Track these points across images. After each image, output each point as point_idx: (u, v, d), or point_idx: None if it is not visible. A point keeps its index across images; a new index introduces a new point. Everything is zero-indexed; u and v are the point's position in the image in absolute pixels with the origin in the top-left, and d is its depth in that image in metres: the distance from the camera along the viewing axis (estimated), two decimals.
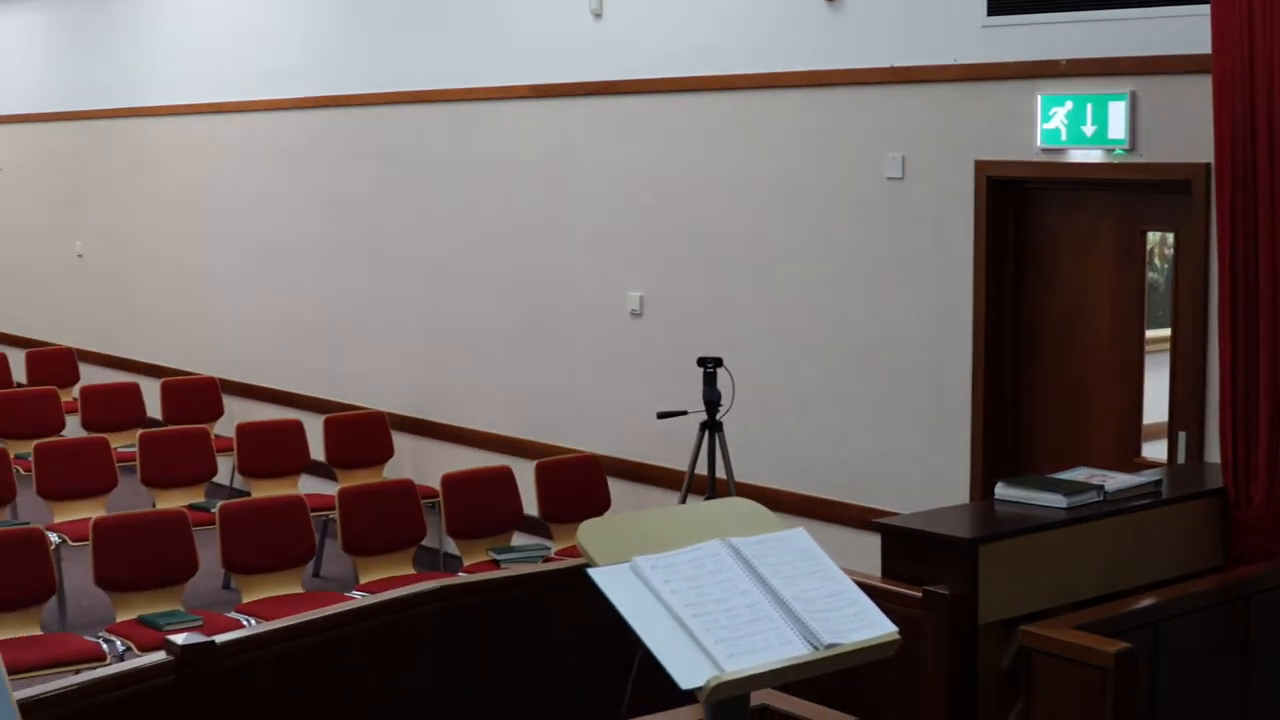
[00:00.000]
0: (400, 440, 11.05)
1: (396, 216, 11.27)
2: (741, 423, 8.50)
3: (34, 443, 10.34)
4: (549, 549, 9.15)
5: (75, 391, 13.44)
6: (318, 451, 10.94)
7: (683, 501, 8.01)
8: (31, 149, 16.41)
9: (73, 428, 12.35)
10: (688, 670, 3.57)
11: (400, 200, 11.23)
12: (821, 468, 8.48)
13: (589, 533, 3.82)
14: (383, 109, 11.30)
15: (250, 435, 10.82)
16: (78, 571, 9.81)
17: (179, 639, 5.21)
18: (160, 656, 5.23)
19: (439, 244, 10.90)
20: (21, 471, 10.43)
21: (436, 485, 9.55)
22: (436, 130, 10.87)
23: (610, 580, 3.70)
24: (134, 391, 12.72)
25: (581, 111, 9.75)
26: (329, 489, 10.56)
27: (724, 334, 8.87)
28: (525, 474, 9.39)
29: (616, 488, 9.41)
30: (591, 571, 3.70)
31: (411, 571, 8.70)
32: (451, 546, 9.86)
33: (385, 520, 8.73)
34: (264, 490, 10.48)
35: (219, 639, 5.28)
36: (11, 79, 16.60)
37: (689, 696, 3.70)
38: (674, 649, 3.60)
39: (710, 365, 8.09)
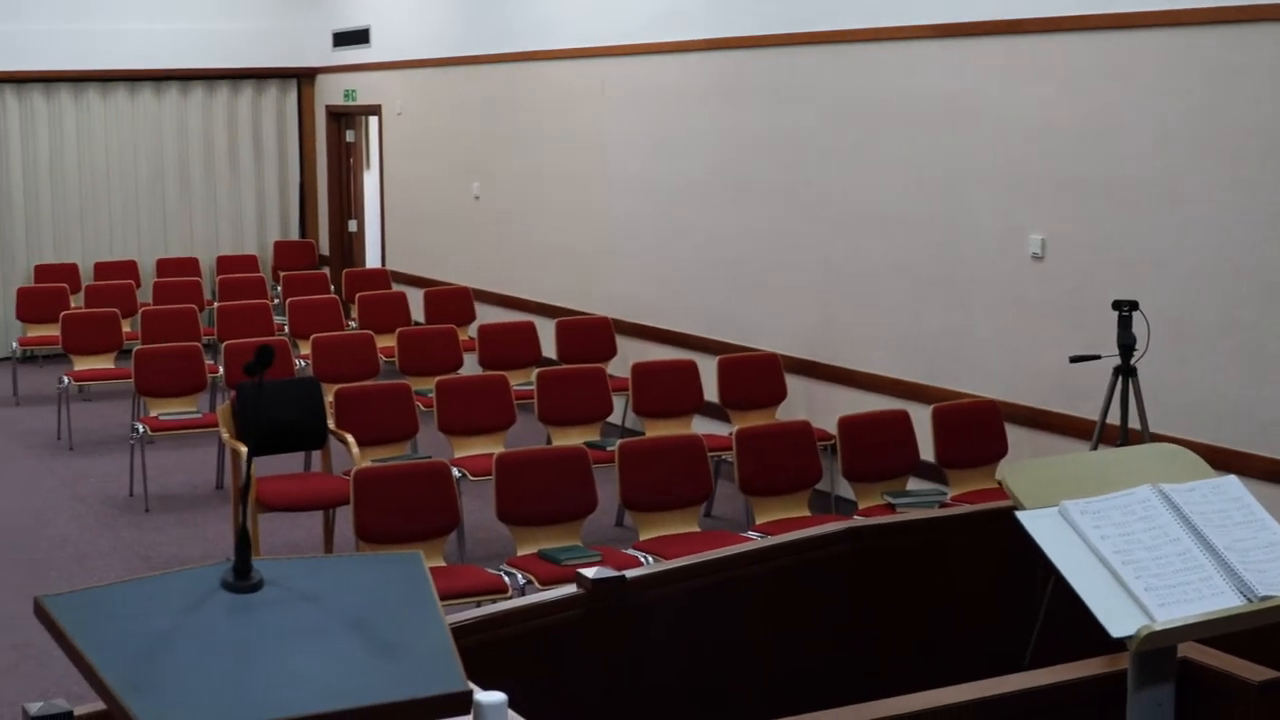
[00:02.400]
0: (792, 382, 11.06)
1: (792, 158, 11.23)
2: (1145, 370, 8.29)
3: (435, 379, 10.61)
4: (945, 494, 9.06)
5: (472, 330, 13.77)
6: (710, 392, 11.01)
7: (1094, 449, 7.85)
8: (431, 93, 16.81)
9: (469, 365, 12.65)
10: (1118, 619, 3.49)
11: (796, 141, 11.19)
12: (1229, 418, 8.21)
13: (1015, 475, 3.76)
14: (781, 50, 11.26)
15: (646, 375, 10.95)
16: (473, 505, 10.06)
17: (590, 573, 5.21)
18: (569, 590, 5.25)
19: (835, 185, 10.83)
20: (422, 408, 10.71)
21: (828, 427, 9.54)
22: (834, 71, 10.79)
23: (1038, 524, 3.63)
24: (529, 331, 12.98)
25: (982, 51, 9.57)
26: (721, 430, 10.63)
27: (1128, 278, 8.64)
28: (920, 418, 9.31)
29: (1014, 434, 9.24)
30: (1020, 515, 3.64)
31: (806, 514, 8.70)
32: (843, 489, 9.84)
33: (782, 461, 8.73)
34: (657, 430, 10.59)
35: (629, 574, 5.31)
36: (412, 25, 17.01)
37: (1097, 647, 3.62)
38: (1103, 596, 3.52)
39: (1126, 308, 7.93)
